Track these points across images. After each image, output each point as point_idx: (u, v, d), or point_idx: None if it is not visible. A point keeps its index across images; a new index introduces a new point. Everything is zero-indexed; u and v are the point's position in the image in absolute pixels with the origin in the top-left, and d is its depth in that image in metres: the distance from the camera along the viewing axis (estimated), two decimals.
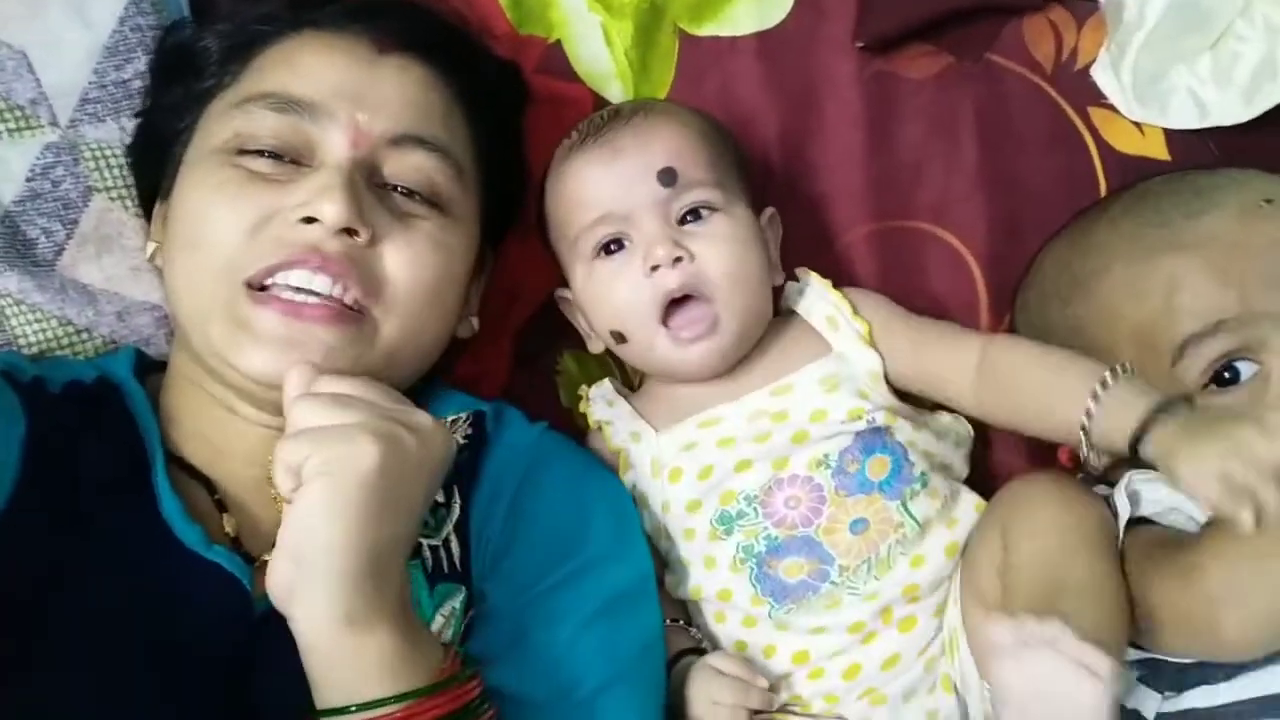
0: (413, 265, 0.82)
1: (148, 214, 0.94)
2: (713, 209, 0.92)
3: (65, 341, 0.92)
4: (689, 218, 0.92)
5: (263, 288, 0.78)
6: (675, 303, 0.91)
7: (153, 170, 0.91)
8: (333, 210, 0.77)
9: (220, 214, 0.79)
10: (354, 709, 0.66)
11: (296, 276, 0.78)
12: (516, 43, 1.06)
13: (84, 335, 0.93)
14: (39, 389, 0.82)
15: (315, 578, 0.66)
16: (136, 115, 0.95)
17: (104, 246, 0.94)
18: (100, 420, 0.83)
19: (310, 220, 0.78)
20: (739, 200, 0.95)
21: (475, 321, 0.96)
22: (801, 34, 1.07)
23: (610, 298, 0.93)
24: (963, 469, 0.98)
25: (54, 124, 0.94)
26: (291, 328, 0.77)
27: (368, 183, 0.82)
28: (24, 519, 0.74)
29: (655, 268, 0.90)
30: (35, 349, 0.92)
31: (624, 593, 0.86)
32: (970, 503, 0.94)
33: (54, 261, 0.93)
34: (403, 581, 0.71)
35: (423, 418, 0.73)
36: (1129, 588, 0.81)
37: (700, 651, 0.92)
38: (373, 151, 0.83)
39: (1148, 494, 0.84)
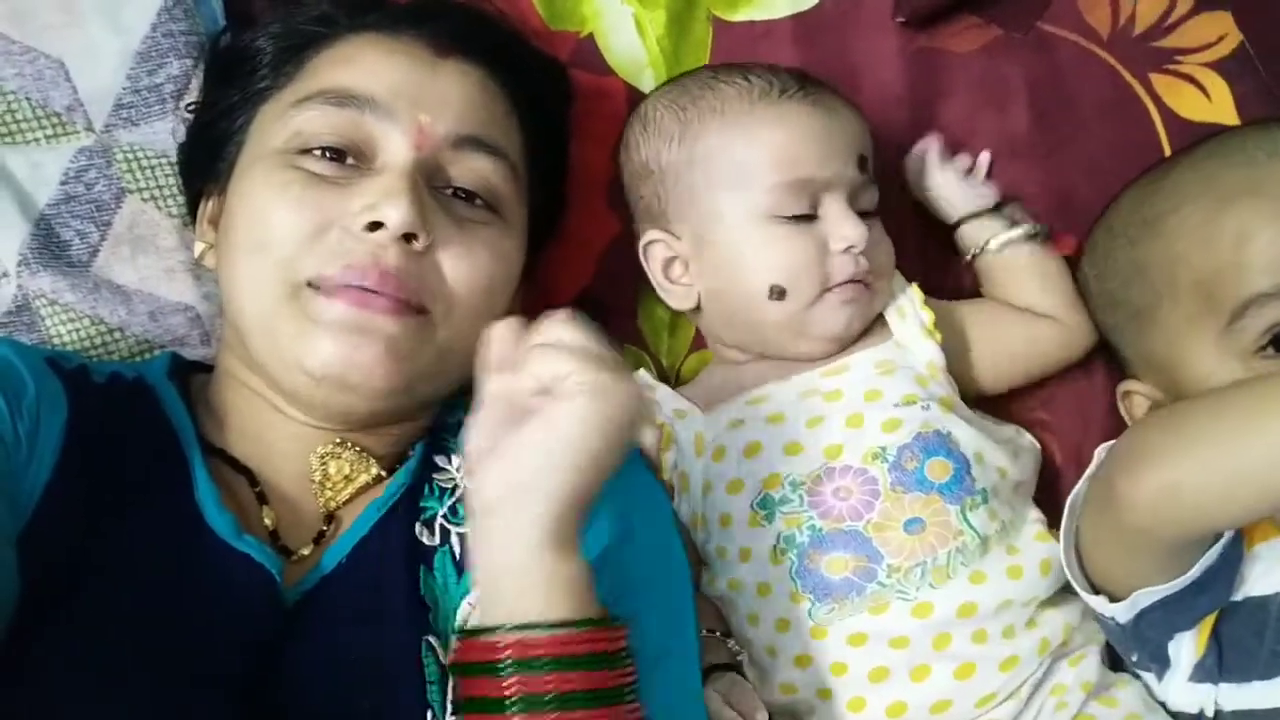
0: (470, 271, 0.82)
1: (192, 215, 0.95)
2: (874, 214, 0.94)
3: (99, 341, 0.93)
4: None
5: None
6: None
7: (202, 171, 0.91)
8: (396, 215, 0.77)
9: (282, 216, 0.79)
10: (546, 626, 0.63)
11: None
12: (549, 39, 1.05)
13: (117, 335, 0.94)
14: (83, 377, 0.83)
15: (533, 491, 0.64)
16: (189, 111, 0.96)
17: (138, 247, 0.95)
18: (138, 412, 0.83)
19: (374, 226, 0.78)
20: None
21: None
22: (839, 14, 1.04)
23: (789, 259, 0.90)
24: (1028, 488, 0.93)
25: (89, 129, 0.95)
26: (359, 316, 0.77)
27: (428, 185, 0.82)
28: (61, 501, 0.74)
29: (849, 248, 0.89)
30: (69, 349, 0.92)
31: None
32: (1030, 533, 0.89)
33: (89, 263, 0.94)
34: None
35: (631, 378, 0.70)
36: None
37: (736, 667, 0.87)
38: (435, 153, 0.83)
39: None
